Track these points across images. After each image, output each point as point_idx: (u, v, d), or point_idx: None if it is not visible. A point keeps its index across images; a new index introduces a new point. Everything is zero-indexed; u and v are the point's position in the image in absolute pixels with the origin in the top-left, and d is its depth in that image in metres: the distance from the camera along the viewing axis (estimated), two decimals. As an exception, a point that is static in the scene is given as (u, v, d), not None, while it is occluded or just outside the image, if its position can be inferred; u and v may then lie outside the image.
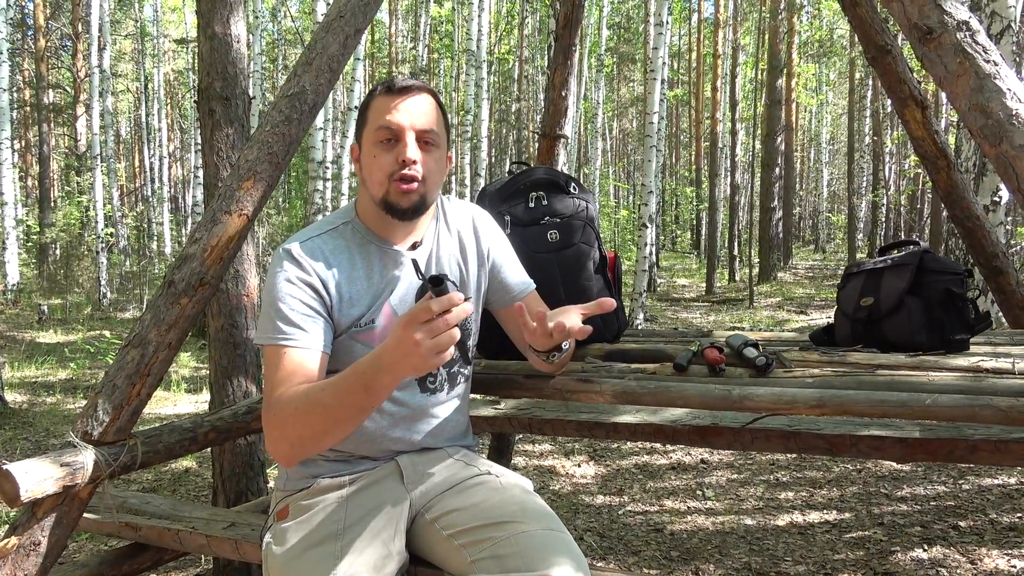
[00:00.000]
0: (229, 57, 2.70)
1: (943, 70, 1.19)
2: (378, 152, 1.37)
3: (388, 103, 1.37)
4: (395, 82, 1.40)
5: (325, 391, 1.21)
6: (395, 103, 1.37)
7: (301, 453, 1.28)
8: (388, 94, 1.39)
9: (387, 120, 1.36)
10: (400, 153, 1.36)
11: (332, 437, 1.24)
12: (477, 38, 12.82)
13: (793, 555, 2.86)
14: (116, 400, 1.52)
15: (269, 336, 1.33)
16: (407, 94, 1.38)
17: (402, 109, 1.37)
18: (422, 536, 1.38)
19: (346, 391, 1.18)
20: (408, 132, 1.37)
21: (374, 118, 1.39)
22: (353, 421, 1.22)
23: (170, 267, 1.63)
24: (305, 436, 1.24)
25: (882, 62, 2.39)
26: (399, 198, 1.37)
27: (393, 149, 1.37)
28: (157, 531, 1.74)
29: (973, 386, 1.38)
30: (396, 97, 1.37)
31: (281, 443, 1.27)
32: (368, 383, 1.15)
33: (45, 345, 8.80)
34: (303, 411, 1.23)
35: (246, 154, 1.68)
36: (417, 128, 1.37)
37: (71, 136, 18.20)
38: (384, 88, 1.40)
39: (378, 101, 1.39)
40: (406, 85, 1.39)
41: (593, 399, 1.61)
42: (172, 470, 4.19)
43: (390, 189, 1.37)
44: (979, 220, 2.49)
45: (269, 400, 1.29)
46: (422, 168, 1.38)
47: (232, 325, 2.71)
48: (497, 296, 1.60)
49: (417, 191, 1.38)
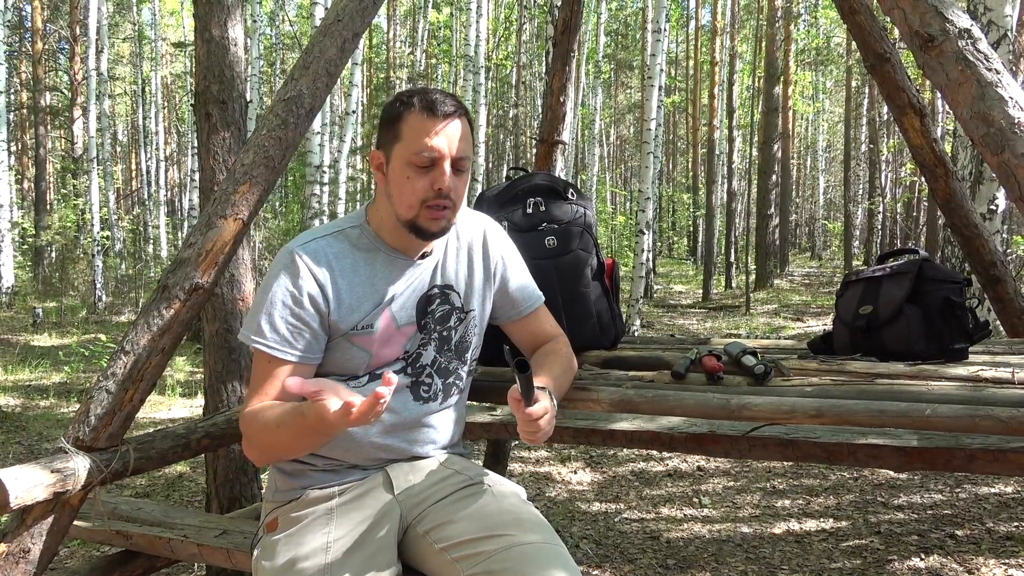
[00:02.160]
0: (226, 60, 2.69)
1: (944, 78, 1.18)
2: (412, 174, 1.34)
3: (429, 126, 1.33)
4: (436, 103, 1.34)
5: (280, 429, 1.27)
6: (437, 127, 1.33)
7: (268, 462, 1.38)
8: (431, 116, 1.33)
9: (427, 145, 1.32)
10: (437, 181, 1.34)
11: (295, 456, 1.38)
12: (475, 44, 12.83)
13: (790, 564, 2.85)
14: (108, 406, 1.51)
15: (255, 338, 1.35)
16: (449, 119, 1.34)
17: (443, 135, 1.33)
18: (414, 549, 1.36)
19: (301, 435, 1.26)
20: (446, 160, 1.34)
21: (411, 137, 1.34)
22: (312, 449, 1.35)
23: (164, 271, 1.62)
24: (268, 453, 1.35)
25: (880, 70, 2.39)
26: (429, 224, 1.36)
27: (428, 174, 1.34)
28: (148, 539, 1.72)
29: (973, 396, 1.37)
30: (438, 121, 1.33)
31: (250, 450, 1.36)
32: (319, 430, 1.22)
33: (39, 348, 8.76)
34: (265, 436, 1.31)
35: (242, 158, 1.67)
36: (454, 156, 1.35)
37: (68, 139, 18.17)
38: (425, 107, 1.34)
39: (416, 120, 1.34)
40: (448, 110, 1.34)
41: (590, 407, 1.60)
42: (166, 475, 4.16)
43: (421, 213, 1.35)
44: (977, 229, 2.49)
45: (245, 406, 1.36)
46: (454, 195, 1.37)
47: (227, 330, 2.69)
48: (504, 310, 1.59)
49: (446, 215, 1.37)
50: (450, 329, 1.49)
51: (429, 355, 1.46)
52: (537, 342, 1.62)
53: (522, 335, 1.62)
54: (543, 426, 1.30)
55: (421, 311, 1.45)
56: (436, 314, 1.47)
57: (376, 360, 1.41)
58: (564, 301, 1.87)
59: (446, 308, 1.48)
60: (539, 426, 1.30)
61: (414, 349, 1.45)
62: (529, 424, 1.30)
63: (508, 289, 1.57)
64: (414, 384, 1.45)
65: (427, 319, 1.46)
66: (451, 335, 1.49)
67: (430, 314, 1.46)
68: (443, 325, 1.48)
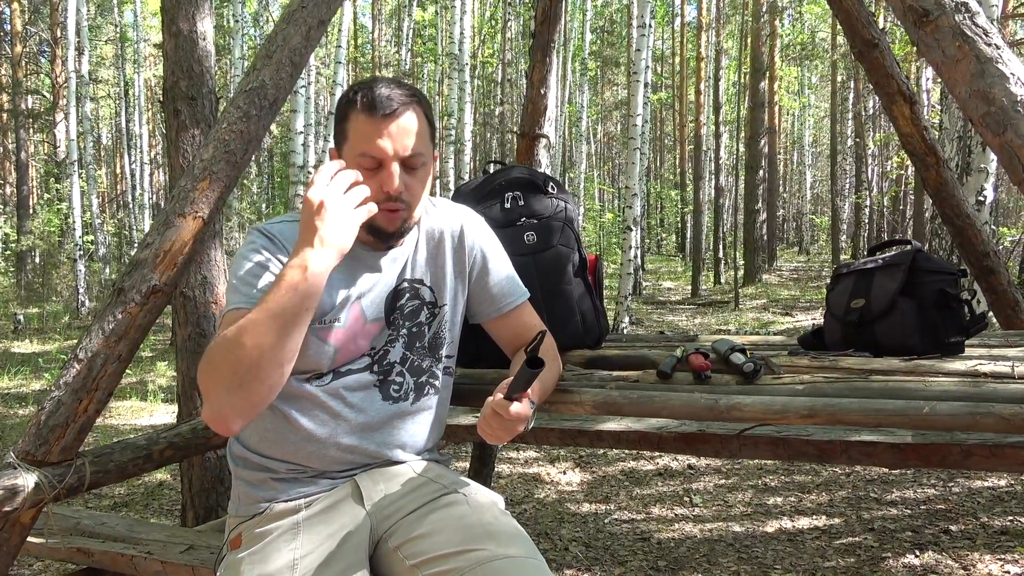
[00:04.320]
0: (195, 55, 2.60)
1: (941, 55, 1.11)
2: (361, 177, 1.28)
3: (371, 128, 1.26)
4: (377, 101, 1.26)
5: (257, 312, 1.15)
6: (379, 128, 1.26)
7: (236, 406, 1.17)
8: (371, 116, 1.26)
9: (369, 149, 1.26)
10: (385, 183, 1.27)
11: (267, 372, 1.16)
12: (460, 42, 12.75)
13: (783, 563, 2.79)
14: (60, 417, 1.42)
15: (230, 307, 1.25)
16: (391, 118, 1.27)
17: (386, 135, 1.26)
18: (386, 565, 1.27)
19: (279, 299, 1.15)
20: (393, 163, 1.27)
21: (355, 140, 1.28)
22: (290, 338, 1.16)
23: (119, 274, 1.53)
24: (238, 379, 1.14)
25: (869, 56, 2.32)
26: (385, 224, 1.31)
27: (376, 176, 1.28)
28: (111, 556, 1.63)
29: (973, 392, 1.30)
30: (380, 122, 1.26)
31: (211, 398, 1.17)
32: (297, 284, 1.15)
33: (19, 355, 8.61)
34: (233, 341, 1.15)
35: (201, 153, 1.58)
36: (402, 156, 1.28)
37: (50, 142, 17.94)
38: (365, 107, 1.27)
39: (358, 121, 1.27)
40: (390, 109, 1.27)
41: (573, 410, 1.52)
42: (145, 484, 4.06)
43: (376, 215, 1.29)
44: (969, 218, 2.43)
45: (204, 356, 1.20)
46: (407, 195, 1.30)
47: (200, 334, 2.61)
48: (484, 307, 1.51)
49: (401, 216, 1.32)
50: (421, 325, 1.42)
51: (397, 352, 1.39)
52: (521, 342, 1.53)
53: (505, 333, 1.54)
54: (512, 428, 1.24)
55: (389, 306, 1.38)
56: (405, 309, 1.40)
57: (341, 356, 1.33)
58: (545, 299, 1.79)
59: (416, 303, 1.41)
60: (509, 426, 1.23)
61: (381, 345, 1.38)
62: (497, 420, 1.23)
63: (486, 284, 1.49)
64: (382, 383, 1.37)
65: (395, 315, 1.39)
66: (423, 331, 1.42)
67: (399, 309, 1.39)
68: (412, 321, 1.40)
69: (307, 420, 1.32)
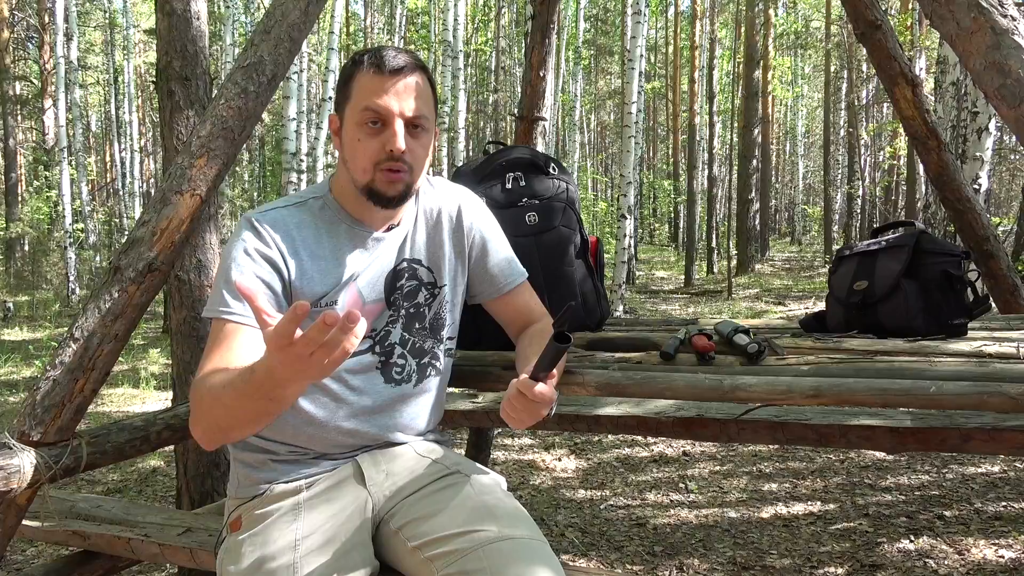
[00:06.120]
0: (189, 35, 2.55)
1: (955, 27, 1.09)
2: (363, 136, 1.25)
3: (377, 84, 1.24)
4: (385, 59, 1.24)
5: (226, 391, 1.07)
6: (385, 85, 1.24)
7: (214, 440, 1.15)
8: (378, 73, 1.24)
9: (375, 104, 1.23)
10: (388, 142, 1.24)
11: (240, 433, 1.13)
12: (453, 29, 12.68)
13: (778, 548, 2.80)
14: (57, 397, 1.39)
15: (215, 309, 1.22)
16: (398, 75, 1.24)
17: (392, 93, 1.24)
18: (388, 546, 1.26)
19: (247, 396, 1.03)
20: (397, 120, 1.24)
21: (359, 96, 1.25)
22: (260, 422, 1.11)
23: (116, 252, 1.51)
24: (212, 426, 1.13)
25: (872, 38, 2.31)
26: (385, 187, 1.27)
27: (380, 135, 1.25)
28: (107, 539, 1.61)
29: (979, 372, 1.30)
30: (386, 79, 1.24)
31: (195, 425, 1.16)
32: (268, 394, 1.00)
33: (9, 343, 8.55)
34: (210, 401, 1.11)
35: (199, 130, 1.55)
36: (407, 116, 1.25)
37: (39, 130, 17.75)
38: (372, 64, 1.25)
39: (365, 78, 1.25)
40: (398, 66, 1.25)
41: (575, 391, 1.51)
42: (139, 469, 4.04)
43: (376, 177, 1.26)
44: (970, 202, 2.42)
45: (196, 376, 1.17)
46: (410, 157, 1.27)
47: (195, 318, 2.58)
48: (484, 287, 1.49)
49: (403, 180, 1.28)
50: (420, 306, 1.39)
51: (397, 333, 1.37)
52: (523, 321, 1.52)
53: (506, 313, 1.52)
54: (536, 411, 1.18)
55: (389, 287, 1.36)
56: (404, 290, 1.37)
57: None
58: (547, 281, 1.77)
59: (414, 284, 1.39)
60: (533, 408, 1.17)
61: (382, 327, 1.36)
62: (521, 401, 1.16)
63: (486, 264, 1.48)
64: (384, 364, 1.36)
65: (396, 295, 1.36)
66: (423, 312, 1.40)
67: (399, 290, 1.37)
68: (411, 301, 1.38)
69: (308, 403, 1.30)
